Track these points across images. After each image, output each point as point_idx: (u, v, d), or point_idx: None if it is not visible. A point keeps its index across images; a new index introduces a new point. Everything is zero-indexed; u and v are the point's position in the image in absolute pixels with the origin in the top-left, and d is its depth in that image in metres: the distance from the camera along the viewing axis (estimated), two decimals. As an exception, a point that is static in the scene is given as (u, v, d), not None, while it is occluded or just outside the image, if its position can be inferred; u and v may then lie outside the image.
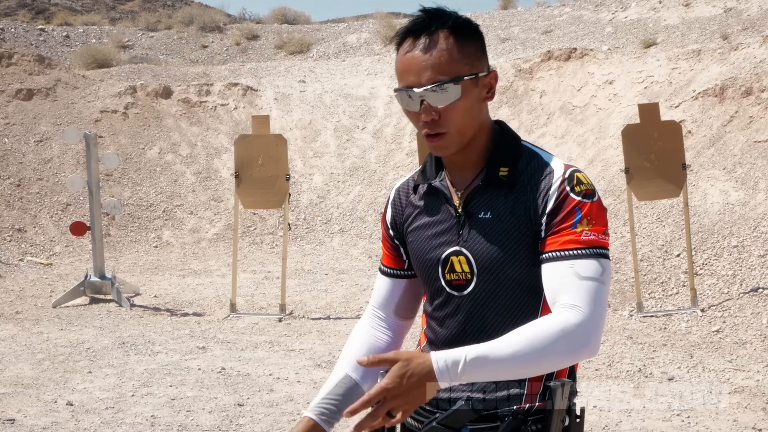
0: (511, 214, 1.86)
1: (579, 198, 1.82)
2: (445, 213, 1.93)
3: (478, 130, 1.89)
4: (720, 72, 11.45)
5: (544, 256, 1.82)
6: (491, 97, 1.89)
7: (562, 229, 1.81)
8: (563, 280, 1.77)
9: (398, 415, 1.70)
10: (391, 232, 2.04)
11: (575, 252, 1.78)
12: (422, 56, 1.82)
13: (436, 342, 1.95)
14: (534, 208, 1.84)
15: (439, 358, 1.69)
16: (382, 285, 2.09)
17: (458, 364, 1.68)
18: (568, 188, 1.83)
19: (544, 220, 1.83)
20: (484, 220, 1.87)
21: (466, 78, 1.82)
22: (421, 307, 2.08)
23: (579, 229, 1.80)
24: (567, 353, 1.73)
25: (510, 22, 17.56)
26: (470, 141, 1.89)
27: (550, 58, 14.00)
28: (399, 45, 1.88)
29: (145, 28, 20.12)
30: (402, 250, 2.04)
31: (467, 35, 1.85)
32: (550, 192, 1.83)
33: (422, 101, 1.81)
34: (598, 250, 1.80)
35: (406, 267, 2.05)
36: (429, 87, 1.80)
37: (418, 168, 2.05)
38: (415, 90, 1.81)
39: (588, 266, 1.77)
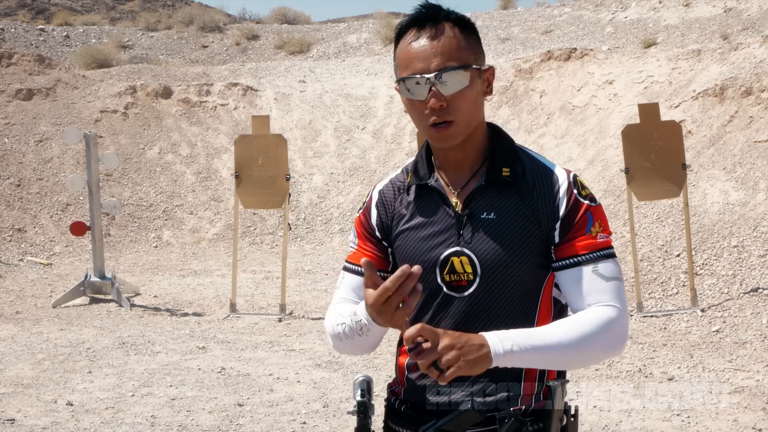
0: (517, 214, 1.85)
1: (587, 202, 1.86)
2: (441, 213, 1.90)
3: (477, 127, 1.89)
4: (720, 72, 11.45)
5: (565, 261, 1.84)
6: (490, 92, 1.90)
7: (579, 234, 1.84)
8: (591, 283, 1.81)
9: (449, 371, 1.63)
10: (378, 234, 1.97)
11: (596, 255, 1.83)
12: (430, 43, 1.81)
13: None
14: (544, 212, 1.85)
15: (489, 334, 1.69)
16: (356, 284, 1.95)
17: (510, 339, 1.69)
18: (576, 192, 1.85)
19: (558, 224, 1.84)
20: (488, 221, 1.86)
21: (473, 66, 1.83)
22: None
23: (594, 233, 1.84)
24: (608, 346, 1.79)
25: (510, 22, 17.56)
26: (469, 137, 1.88)
27: (550, 58, 14.00)
28: (400, 37, 1.87)
29: (145, 28, 20.11)
30: (390, 251, 1.98)
31: (468, 28, 1.87)
32: (560, 196, 1.85)
33: (430, 88, 1.80)
34: (612, 251, 1.86)
35: (390, 269, 1.96)
36: (439, 72, 1.79)
37: (402, 169, 2.00)
38: (425, 76, 1.79)
39: (609, 267, 1.83)
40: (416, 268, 1.64)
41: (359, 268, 1.96)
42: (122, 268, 10.51)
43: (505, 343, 1.68)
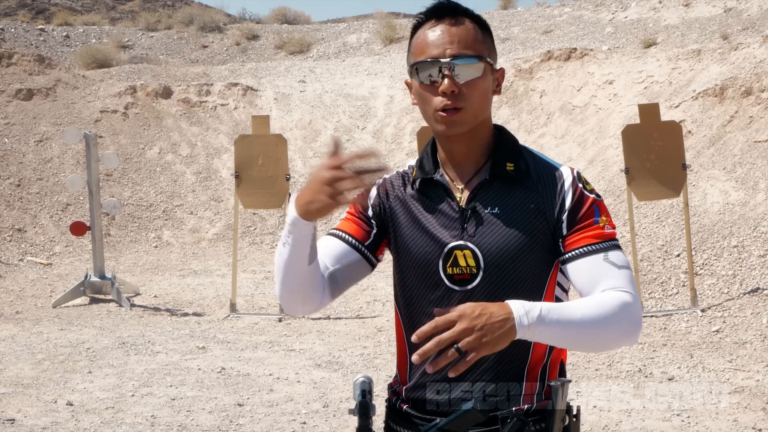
0: (521, 209, 1.87)
1: (593, 196, 1.89)
2: (445, 207, 1.91)
3: (483, 122, 1.90)
4: (720, 72, 11.45)
5: (575, 251, 1.84)
6: (498, 92, 1.93)
7: (586, 225, 1.85)
8: (603, 271, 1.82)
9: (472, 354, 1.60)
10: (370, 212, 1.99)
11: (605, 244, 1.84)
12: (448, 31, 1.84)
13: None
14: (550, 206, 1.87)
15: (516, 304, 1.67)
16: (329, 243, 1.98)
17: (534, 312, 1.67)
18: (581, 186, 1.88)
19: (564, 217, 1.86)
20: (492, 215, 1.87)
21: (487, 60, 1.86)
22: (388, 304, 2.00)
23: (601, 224, 1.86)
24: (626, 329, 1.77)
25: (510, 22, 17.56)
26: (475, 131, 1.89)
27: (550, 58, 14.00)
28: (417, 27, 1.90)
29: (145, 28, 20.12)
30: (375, 233, 1.98)
31: (485, 27, 1.91)
32: (565, 189, 1.87)
33: (444, 74, 1.81)
34: (618, 242, 1.88)
35: (366, 245, 1.97)
36: (454, 58, 1.82)
37: (408, 165, 2.02)
38: (440, 60, 1.82)
39: (619, 256, 1.84)
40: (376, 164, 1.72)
41: (343, 234, 1.98)
42: (122, 268, 10.51)
43: (531, 315, 1.66)
